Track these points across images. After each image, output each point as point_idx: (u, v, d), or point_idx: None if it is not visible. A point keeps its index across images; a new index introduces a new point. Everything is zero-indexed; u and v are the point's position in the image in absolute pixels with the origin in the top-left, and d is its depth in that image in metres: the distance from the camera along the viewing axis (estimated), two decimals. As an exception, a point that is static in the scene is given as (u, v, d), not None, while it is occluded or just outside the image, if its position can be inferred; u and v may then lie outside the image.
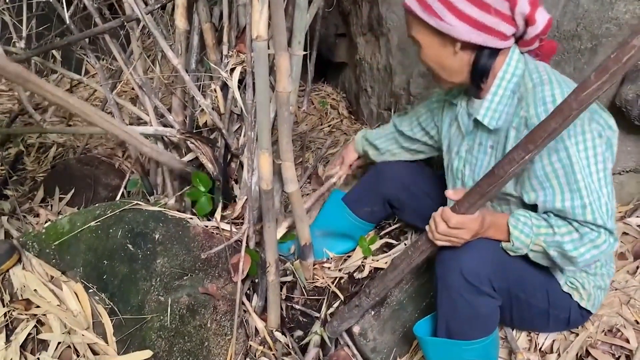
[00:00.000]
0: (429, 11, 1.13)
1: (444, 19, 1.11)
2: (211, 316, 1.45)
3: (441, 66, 1.21)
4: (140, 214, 1.51)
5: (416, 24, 1.18)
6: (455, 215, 1.09)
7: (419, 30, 1.19)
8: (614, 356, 1.32)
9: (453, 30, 1.11)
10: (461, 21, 1.10)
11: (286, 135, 1.37)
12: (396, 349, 1.47)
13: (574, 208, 1.08)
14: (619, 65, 0.82)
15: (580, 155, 1.07)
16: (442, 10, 1.11)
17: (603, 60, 0.84)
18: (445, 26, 1.12)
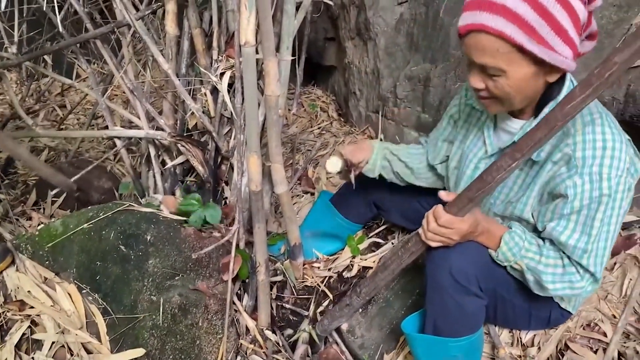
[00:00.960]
0: (542, 43, 0.94)
1: (559, 52, 0.95)
2: (202, 315, 1.48)
3: (521, 95, 1.05)
4: (133, 215, 1.54)
5: (512, 55, 0.96)
6: (445, 214, 1.11)
7: (514, 61, 0.97)
8: (592, 349, 1.37)
9: (565, 63, 0.96)
10: (570, 50, 0.96)
11: (275, 137, 1.41)
12: (383, 345, 1.51)
13: (575, 248, 1.09)
14: (602, 81, 0.86)
15: (607, 205, 1.05)
16: (553, 38, 0.93)
17: (587, 75, 0.87)
18: (557, 57, 0.95)
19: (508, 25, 0.92)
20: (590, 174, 1.03)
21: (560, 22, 0.93)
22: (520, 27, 0.92)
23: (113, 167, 2.43)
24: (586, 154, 1.04)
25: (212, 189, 1.81)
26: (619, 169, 1.03)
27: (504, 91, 1.03)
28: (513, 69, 0.98)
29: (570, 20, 0.94)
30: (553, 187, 1.10)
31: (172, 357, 1.40)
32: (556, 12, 0.92)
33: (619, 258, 1.55)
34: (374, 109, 2.57)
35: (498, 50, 0.96)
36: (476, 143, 1.32)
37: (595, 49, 1.57)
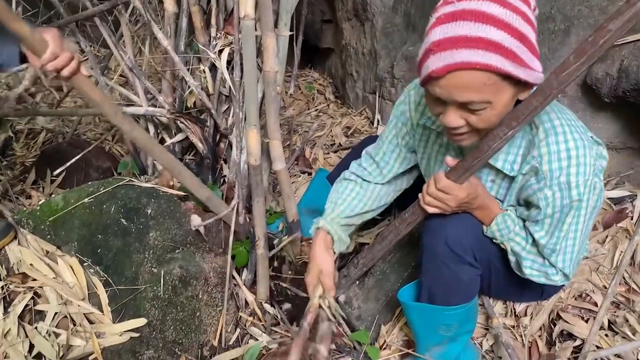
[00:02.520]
0: (524, 66, 0.92)
1: (533, 68, 0.94)
2: (202, 288, 1.51)
3: (499, 120, 1.00)
4: (133, 190, 1.55)
5: (498, 84, 0.92)
6: (445, 179, 1.11)
7: (500, 90, 0.94)
8: (583, 319, 1.41)
9: (538, 78, 0.96)
10: (538, 62, 0.96)
11: (274, 114, 1.42)
12: (380, 317, 1.54)
13: (545, 247, 1.15)
14: (596, 48, 0.87)
15: (578, 209, 1.09)
16: (530, 57, 0.92)
17: (581, 42, 0.88)
18: (537, 76, 0.95)
19: (492, 57, 0.88)
20: (559, 184, 1.07)
21: (531, 39, 0.92)
22: (503, 55, 0.88)
23: (112, 147, 2.45)
24: (552, 167, 1.06)
25: (211, 166, 1.83)
26: (585, 173, 1.05)
27: (489, 122, 0.99)
28: (498, 97, 0.95)
29: (534, 34, 0.94)
30: (526, 196, 1.16)
31: (172, 327, 1.42)
32: (527, 31, 0.91)
33: (611, 231, 1.59)
34: (371, 90, 2.58)
35: (484, 83, 0.91)
36: (441, 152, 1.31)
37: (589, 26, 1.60)
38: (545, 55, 1.70)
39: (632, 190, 1.69)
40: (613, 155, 1.75)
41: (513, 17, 0.88)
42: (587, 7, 1.57)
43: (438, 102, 1.01)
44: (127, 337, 1.36)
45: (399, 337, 1.54)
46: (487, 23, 0.88)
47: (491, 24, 0.88)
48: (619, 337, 1.34)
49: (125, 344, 1.35)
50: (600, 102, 1.61)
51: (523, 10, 0.90)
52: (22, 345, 1.31)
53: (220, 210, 1.59)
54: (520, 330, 1.43)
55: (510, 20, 0.88)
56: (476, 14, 0.88)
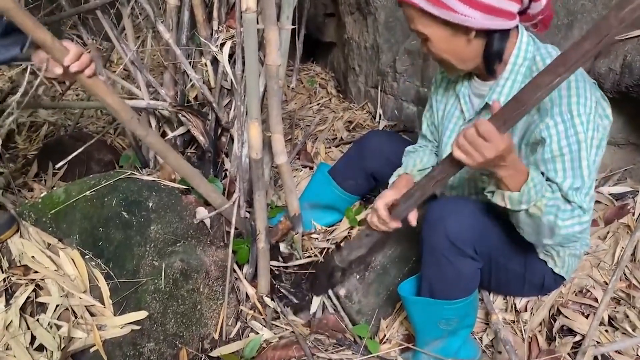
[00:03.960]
0: (437, 4, 1.06)
1: (456, 10, 1.06)
2: (203, 281, 1.51)
3: (454, 56, 1.17)
4: (134, 183, 1.56)
5: (422, 18, 1.12)
6: (488, 122, 0.98)
7: (426, 23, 1.12)
8: (584, 314, 1.41)
9: (467, 21, 1.07)
10: (474, 9, 1.05)
11: (275, 107, 1.42)
12: (380, 311, 1.55)
13: (569, 188, 1.09)
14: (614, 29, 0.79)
15: (586, 142, 1.08)
16: (453, 1, 1.05)
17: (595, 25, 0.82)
18: (458, 17, 1.07)
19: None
20: (561, 113, 1.08)
21: None
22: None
23: (113, 141, 2.45)
24: (553, 96, 1.09)
25: (212, 159, 1.83)
26: (587, 106, 1.08)
27: (436, 54, 1.18)
28: (429, 31, 1.13)
29: None
30: (529, 136, 1.15)
31: (173, 320, 1.43)
32: None
33: (612, 227, 1.58)
34: (373, 84, 2.58)
35: (413, 15, 1.13)
36: (454, 112, 1.37)
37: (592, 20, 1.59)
38: (548, 50, 1.69)
39: (634, 186, 1.69)
40: (615, 151, 1.75)
41: None
42: (591, 2, 1.56)
43: None
44: (128, 330, 1.37)
45: (399, 331, 1.54)
46: None
47: None
48: (619, 333, 1.34)
49: (126, 337, 1.36)
50: (603, 97, 1.61)
51: None
52: (23, 337, 1.32)
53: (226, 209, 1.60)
54: (521, 326, 1.43)
55: None
56: None
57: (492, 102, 1.05)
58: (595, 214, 1.65)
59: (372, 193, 2.01)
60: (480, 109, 1.28)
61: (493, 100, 1.11)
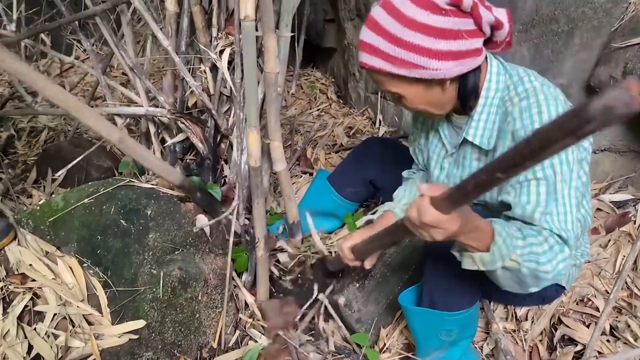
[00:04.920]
0: (406, 66, 1.05)
1: (427, 67, 1.05)
2: (202, 289, 1.50)
3: (431, 106, 1.16)
4: (133, 191, 1.55)
5: (392, 80, 1.10)
6: (432, 210, 0.85)
7: (396, 84, 1.11)
8: (585, 324, 1.40)
9: (440, 74, 1.06)
10: (444, 61, 1.04)
11: (274, 115, 1.42)
12: (380, 320, 1.54)
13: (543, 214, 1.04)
14: None
15: (563, 168, 1.06)
16: (422, 60, 1.04)
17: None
18: (430, 73, 1.06)
19: (374, 59, 1.08)
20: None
21: (417, 43, 1.02)
22: (383, 58, 1.06)
23: (113, 147, 2.44)
24: (525, 123, 1.08)
25: (211, 166, 1.83)
26: None
27: (413, 108, 1.17)
28: (403, 90, 1.11)
29: (431, 37, 1.02)
30: None
31: (172, 329, 1.42)
32: (407, 36, 1.02)
33: (613, 235, 1.58)
34: (374, 90, 2.57)
35: (381, 79, 1.12)
36: (436, 144, 1.38)
37: (593, 28, 1.59)
38: (548, 57, 1.68)
39: (635, 194, 1.68)
40: (616, 158, 1.74)
41: (393, 25, 1.04)
42: (591, 9, 1.55)
43: None
44: (126, 339, 1.36)
45: (399, 340, 1.53)
46: (372, 30, 1.07)
47: (375, 32, 1.06)
48: (620, 343, 1.33)
49: (124, 346, 1.35)
50: (603, 104, 1.60)
51: (410, 17, 1.02)
52: (20, 347, 1.31)
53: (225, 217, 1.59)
54: (521, 335, 1.42)
55: (390, 28, 1.04)
56: (371, 21, 1.08)
57: (418, 186, 0.90)
58: (596, 221, 1.64)
59: (372, 200, 2.00)
60: (459, 144, 1.28)
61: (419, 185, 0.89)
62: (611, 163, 1.75)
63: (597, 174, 1.78)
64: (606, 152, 1.73)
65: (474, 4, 1.03)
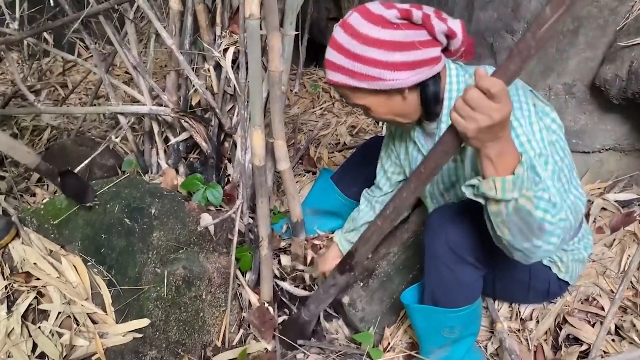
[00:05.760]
0: (365, 79, 1.11)
1: (383, 78, 1.10)
2: (206, 288, 1.50)
3: (396, 114, 1.20)
4: (137, 189, 1.55)
5: (355, 93, 1.16)
6: (500, 81, 0.85)
7: (360, 97, 1.17)
8: (590, 323, 1.39)
9: (397, 84, 1.10)
10: (400, 71, 1.09)
11: (278, 114, 1.41)
12: (383, 318, 1.53)
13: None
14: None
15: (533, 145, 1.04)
16: (378, 72, 1.09)
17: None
18: (388, 84, 1.11)
19: (337, 75, 1.14)
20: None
21: (371, 57, 1.08)
22: (343, 74, 1.13)
23: (116, 145, 2.44)
24: None
25: (215, 165, 1.82)
26: (523, 109, 1.07)
27: (381, 118, 1.22)
28: (367, 102, 1.17)
29: (385, 50, 1.07)
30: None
31: (176, 328, 1.42)
32: (363, 51, 1.08)
33: (618, 234, 1.57)
34: (377, 89, 2.56)
35: (345, 93, 1.18)
36: (416, 155, 1.39)
37: (598, 26, 1.58)
38: (553, 56, 1.68)
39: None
40: (621, 157, 1.74)
41: (350, 42, 1.09)
42: (597, 8, 1.55)
43: None
44: (130, 338, 1.36)
45: (403, 339, 1.53)
46: (334, 49, 1.14)
47: (336, 50, 1.13)
48: (625, 343, 1.32)
49: (128, 345, 1.35)
50: (608, 103, 1.59)
51: (365, 34, 1.08)
52: (25, 345, 1.31)
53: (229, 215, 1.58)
54: (526, 334, 1.41)
55: (348, 45, 1.10)
56: (333, 41, 1.15)
57: (476, 69, 0.90)
58: (601, 221, 1.64)
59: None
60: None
61: (477, 68, 0.91)
62: (616, 162, 1.74)
63: (602, 173, 1.77)
64: (611, 151, 1.73)
65: (425, 16, 1.07)
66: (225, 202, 1.76)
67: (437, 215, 1.23)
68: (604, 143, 1.71)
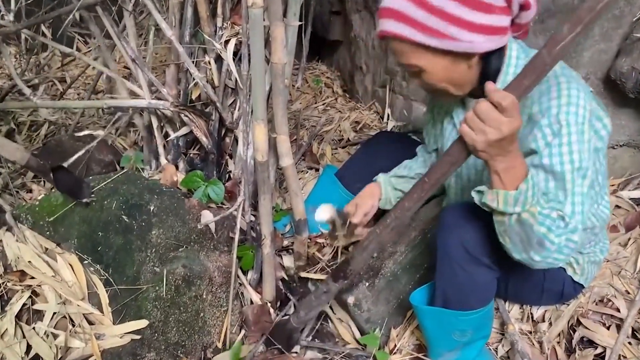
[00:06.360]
0: (438, 36, 1.00)
1: (460, 39, 1.00)
2: (207, 288, 1.45)
3: (452, 83, 1.10)
4: (135, 186, 1.50)
5: (417, 51, 1.04)
6: (511, 95, 0.87)
7: (421, 56, 1.04)
8: (605, 325, 1.35)
9: (471, 47, 1.01)
10: (477, 34, 1.00)
11: (281, 108, 1.36)
12: (390, 319, 1.49)
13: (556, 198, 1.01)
14: (593, 14, 0.80)
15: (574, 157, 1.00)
16: (456, 30, 0.99)
17: (577, 11, 0.82)
18: (463, 46, 1.01)
19: (401, 27, 1.01)
20: (550, 124, 1.01)
21: (451, 12, 0.98)
22: (412, 26, 1.00)
23: (114, 141, 2.39)
24: (543, 107, 1.03)
25: (216, 161, 1.78)
26: (579, 115, 1.00)
27: (433, 85, 1.10)
28: (427, 63, 1.05)
29: (467, 7, 0.98)
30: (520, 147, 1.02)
31: (175, 329, 1.37)
32: (442, 5, 0.98)
33: (633, 233, 1.52)
34: (381, 84, 2.52)
35: (405, 50, 1.05)
36: (451, 130, 1.33)
37: (613, 17, 1.53)
38: (565, 48, 1.63)
39: (655, 190, 1.63)
40: (635, 153, 1.69)
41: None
42: None
43: None
44: (127, 339, 1.31)
45: (409, 341, 1.48)
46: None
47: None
48: (643, 346, 1.28)
49: (126, 347, 1.31)
50: (623, 98, 1.54)
51: None
52: (19, 346, 1.27)
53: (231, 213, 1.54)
54: (538, 336, 1.37)
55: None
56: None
57: (486, 84, 0.90)
58: (615, 219, 1.59)
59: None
60: None
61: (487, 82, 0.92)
62: (630, 158, 1.69)
63: (616, 169, 1.72)
64: (625, 147, 1.68)
65: None
66: (226, 199, 1.71)
67: (451, 214, 1.18)
68: (618, 139, 1.67)
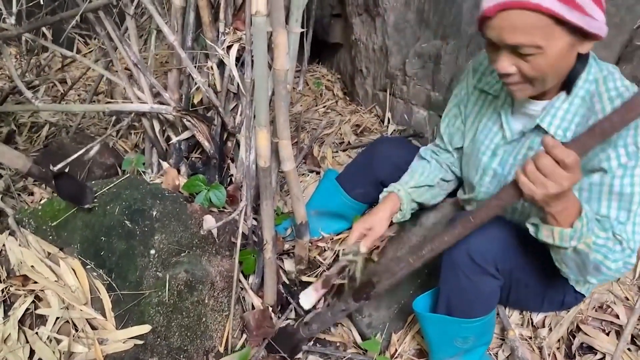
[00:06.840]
0: (580, 11, 0.90)
1: (595, 17, 0.92)
2: (209, 292, 1.46)
3: (553, 73, 1.00)
4: (138, 191, 1.50)
5: (546, 27, 0.91)
6: (574, 153, 0.86)
7: (549, 34, 0.92)
8: (604, 331, 1.35)
9: (599, 28, 0.93)
10: (601, 10, 0.92)
11: (283, 113, 1.37)
12: (391, 325, 1.49)
13: (616, 220, 1.02)
14: None
15: None
16: (592, 7, 0.91)
17: None
18: (595, 25, 0.92)
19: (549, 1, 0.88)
20: (626, 145, 0.99)
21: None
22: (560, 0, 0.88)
23: (116, 144, 2.39)
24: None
25: (217, 165, 1.78)
26: None
27: (540, 71, 0.98)
28: (550, 43, 0.93)
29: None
30: (586, 163, 1.04)
31: (177, 334, 1.38)
32: None
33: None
34: (381, 87, 2.52)
35: (534, 25, 0.91)
36: (491, 128, 1.27)
37: (614, 25, 1.53)
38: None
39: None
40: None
41: None
42: (613, 6, 1.50)
43: (492, 47, 1.01)
44: (130, 344, 1.32)
45: (410, 346, 1.49)
46: None
47: None
48: (642, 352, 1.29)
49: (129, 351, 1.31)
50: None
51: None
52: (22, 351, 1.27)
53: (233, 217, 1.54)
54: (538, 342, 1.37)
55: None
56: None
57: (544, 137, 0.89)
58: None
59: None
60: (529, 130, 1.17)
61: (545, 137, 0.90)
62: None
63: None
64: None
65: None
66: (228, 204, 1.71)
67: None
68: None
